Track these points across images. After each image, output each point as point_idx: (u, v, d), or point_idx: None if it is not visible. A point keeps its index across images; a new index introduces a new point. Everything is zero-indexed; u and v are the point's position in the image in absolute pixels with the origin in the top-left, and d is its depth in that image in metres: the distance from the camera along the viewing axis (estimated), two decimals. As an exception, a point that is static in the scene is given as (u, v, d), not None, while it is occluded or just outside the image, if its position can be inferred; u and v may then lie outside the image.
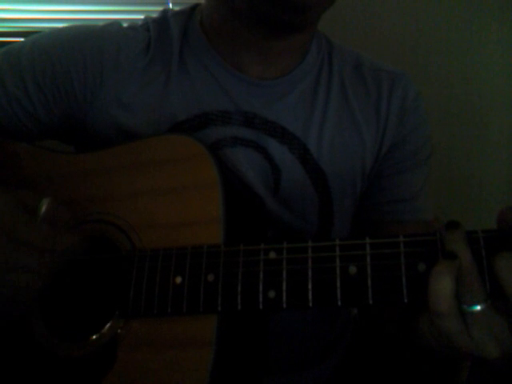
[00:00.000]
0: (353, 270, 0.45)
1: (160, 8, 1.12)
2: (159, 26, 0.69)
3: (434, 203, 0.75)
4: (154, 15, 0.72)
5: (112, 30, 0.68)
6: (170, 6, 1.13)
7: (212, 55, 0.66)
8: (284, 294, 0.47)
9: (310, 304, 0.46)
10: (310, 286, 0.46)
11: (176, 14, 0.70)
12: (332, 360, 0.78)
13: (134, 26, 0.69)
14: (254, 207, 0.64)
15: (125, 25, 0.70)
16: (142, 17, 0.73)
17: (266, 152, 0.66)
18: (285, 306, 0.47)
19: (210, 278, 0.50)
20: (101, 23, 0.70)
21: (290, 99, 0.67)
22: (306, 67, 0.69)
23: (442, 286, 0.40)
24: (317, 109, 0.68)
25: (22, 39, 0.69)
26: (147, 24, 0.70)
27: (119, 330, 0.53)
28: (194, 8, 0.71)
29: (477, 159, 1.21)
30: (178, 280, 0.51)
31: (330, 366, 0.78)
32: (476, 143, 1.20)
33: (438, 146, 0.77)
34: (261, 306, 0.47)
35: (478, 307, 0.41)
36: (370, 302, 0.44)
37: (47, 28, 1.11)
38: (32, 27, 1.12)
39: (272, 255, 0.49)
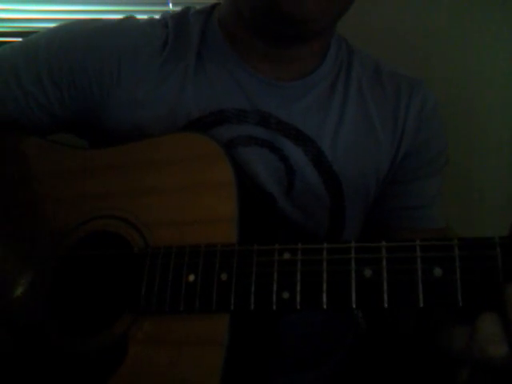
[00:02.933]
0: (368, 273, 0.45)
1: (160, 8, 1.15)
2: (178, 22, 0.69)
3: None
4: (155, 15, 0.72)
5: (129, 25, 0.68)
6: (170, 6, 1.13)
7: (230, 54, 0.66)
8: (298, 295, 0.47)
9: (325, 306, 0.46)
10: (324, 288, 0.46)
11: (196, 12, 0.71)
12: (334, 360, 0.78)
13: (151, 22, 0.69)
14: (266, 207, 0.64)
15: (142, 20, 0.70)
16: (141, 17, 0.73)
17: (282, 153, 0.66)
18: (299, 307, 0.47)
19: (224, 277, 0.50)
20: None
21: (306, 101, 0.67)
22: (324, 71, 0.69)
23: None
24: (332, 112, 0.68)
25: (21, 39, 0.69)
26: (165, 20, 0.69)
27: (130, 327, 0.53)
28: (213, 7, 0.71)
29: (477, 160, 1.21)
30: (191, 278, 0.51)
31: (331, 367, 0.78)
32: (476, 144, 1.20)
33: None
34: (274, 307, 0.47)
35: None
36: (386, 305, 0.44)
37: (47, 28, 1.11)
38: (31, 27, 1.11)
39: (286, 256, 0.48)
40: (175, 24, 0.69)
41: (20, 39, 0.69)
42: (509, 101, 1.18)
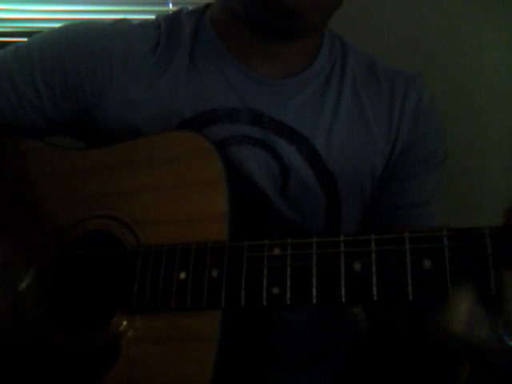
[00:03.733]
0: (357, 266, 0.45)
1: (160, 8, 1.17)
2: (170, 23, 0.69)
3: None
4: (155, 15, 0.73)
5: (122, 27, 0.68)
6: (170, 6, 1.14)
7: (222, 53, 0.66)
8: (288, 290, 0.47)
9: (314, 301, 0.46)
10: (314, 283, 0.46)
11: (189, 12, 0.71)
12: (333, 360, 0.78)
13: (144, 24, 0.70)
14: (259, 205, 0.64)
15: (136, 18, 0.71)
16: (141, 17, 0.73)
17: (275, 151, 0.65)
18: (288, 302, 0.46)
19: (214, 273, 0.50)
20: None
21: (299, 100, 0.66)
22: (317, 68, 0.68)
23: None
24: (326, 110, 0.67)
25: (22, 39, 0.70)
26: (158, 21, 0.70)
27: (123, 325, 0.53)
28: (207, 7, 0.71)
29: (477, 159, 1.20)
30: (182, 275, 0.51)
31: (330, 367, 0.77)
32: (476, 143, 1.19)
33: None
34: (264, 303, 0.47)
35: None
36: (375, 298, 0.44)
37: (48, 28, 1.12)
38: (32, 27, 1.13)
39: (276, 251, 0.48)
40: (167, 25, 0.69)
41: (21, 39, 0.70)
42: (509, 100, 1.17)
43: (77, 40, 0.66)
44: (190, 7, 0.73)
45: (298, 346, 0.71)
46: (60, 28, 0.69)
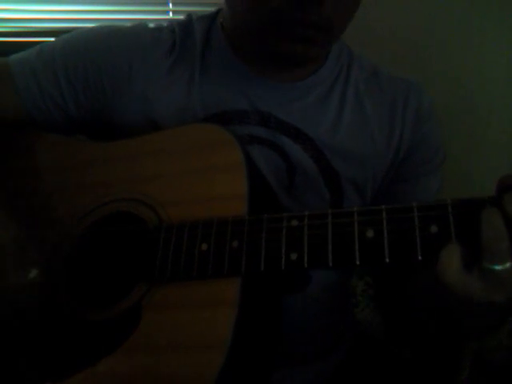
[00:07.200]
0: (370, 233, 0.49)
1: (160, 8, 1.22)
2: (184, 28, 0.74)
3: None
4: (154, 16, 0.77)
5: (139, 30, 0.74)
6: (170, 6, 1.19)
7: (231, 57, 0.71)
8: (305, 255, 0.50)
9: (331, 264, 0.49)
10: (330, 249, 0.50)
11: (200, 17, 0.76)
12: (334, 357, 0.80)
13: (159, 27, 0.75)
14: (272, 193, 0.68)
15: (151, 25, 0.76)
16: (142, 17, 0.77)
17: (282, 150, 0.69)
18: (306, 265, 0.50)
19: (235, 244, 0.53)
20: (102, 23, 0.76)
21: (304, 102, 0.71)
22: (322, 75, 0.73)
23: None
24: (330, 111, 0.71)
25: (26, 39, 0.73)
26: (172, 26, 0.75)
27: (144, 295, 0.55)
28: (218, 12, 0.77)
29: (477, 159, 1.22)
30: (204, 247, 0.54)
31: (332, 362, 0.80)
32: (476, 143, 1.21)
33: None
34: (283, 267, 0.51)
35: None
36: (387, 260, 0.48)
37: (53, 28, 1.17)
38: (37, 27, 1.17)
39: (294, 223, 0.52)
40: (181, 30, 0.74)
41: (26, 39, 0.74)
42: (509, 101, 1.20)
43: (98, 41, 0.71)
44: (192, 14, 0.77)
45: (300, 336, 0.73)
46: (82, 30, 0.74)
